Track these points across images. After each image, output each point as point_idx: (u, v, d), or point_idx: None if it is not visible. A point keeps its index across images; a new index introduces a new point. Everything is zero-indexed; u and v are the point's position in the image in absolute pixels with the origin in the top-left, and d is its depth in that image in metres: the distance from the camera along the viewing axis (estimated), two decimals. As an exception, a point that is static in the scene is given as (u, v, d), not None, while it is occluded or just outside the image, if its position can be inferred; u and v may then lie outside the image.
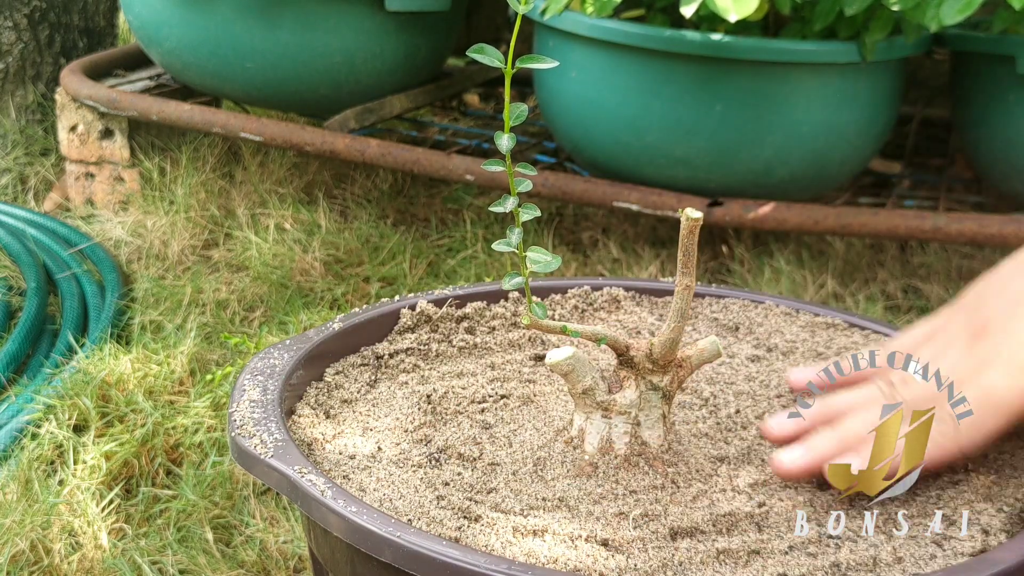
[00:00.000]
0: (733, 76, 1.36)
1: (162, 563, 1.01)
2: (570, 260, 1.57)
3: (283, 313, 1.45)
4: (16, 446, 1.16)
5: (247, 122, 1.65)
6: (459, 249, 1.62)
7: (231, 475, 1.11)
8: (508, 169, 0.53)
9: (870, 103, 1.44)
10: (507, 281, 0.55)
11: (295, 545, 1.03)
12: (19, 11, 1.98)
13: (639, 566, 0.50)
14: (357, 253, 1.59)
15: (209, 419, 1.18)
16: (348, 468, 0.56)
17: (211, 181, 1.76)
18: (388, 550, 0.47)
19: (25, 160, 1.93)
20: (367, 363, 0.68)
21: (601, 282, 0.78)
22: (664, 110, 1.40)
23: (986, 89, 1.45)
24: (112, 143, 1.79)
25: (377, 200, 1.77)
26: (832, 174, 1.49)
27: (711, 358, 0.59)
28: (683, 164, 1.43)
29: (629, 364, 0.57)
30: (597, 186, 1.46)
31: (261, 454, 0.54)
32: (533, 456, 0.58)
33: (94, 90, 1.74)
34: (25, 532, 1.01)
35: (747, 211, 1.39)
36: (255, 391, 0.60)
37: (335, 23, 1.63)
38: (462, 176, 1.52)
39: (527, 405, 0.64)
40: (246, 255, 1.57)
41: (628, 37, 1.38)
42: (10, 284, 1.48)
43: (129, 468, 1.13)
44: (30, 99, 2.01)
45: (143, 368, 1.26)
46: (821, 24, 1.35)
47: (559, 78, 1.49)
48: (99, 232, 1.68)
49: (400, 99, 1.76)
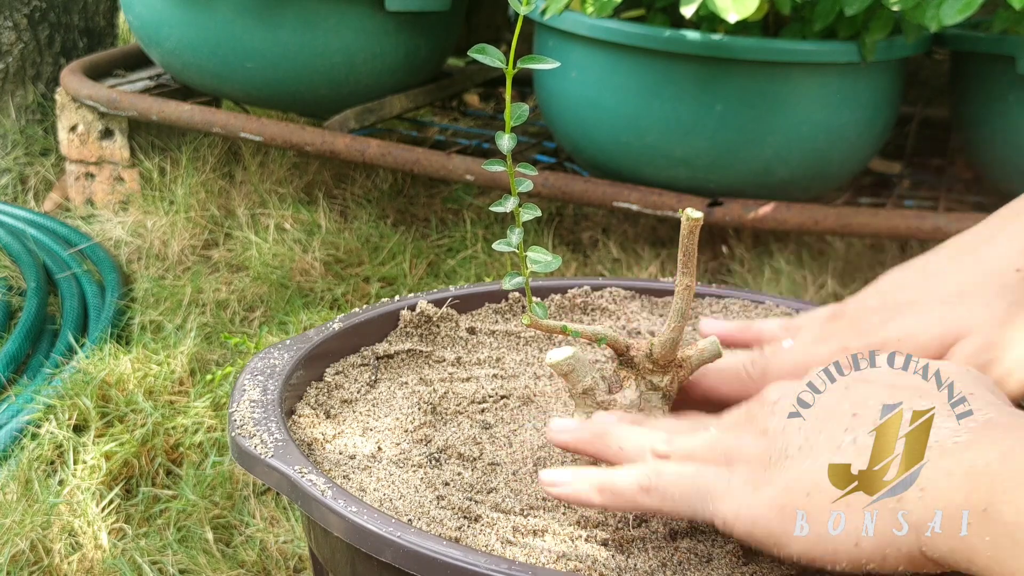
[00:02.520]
0: (733, 76, 1.36)
1: (162, 563, 1.01)
2: (570, 260, 1.57)
3: (283, 313, 1.45)
4: (16, 446, 1.16)
5: (247, 122, 1.65)
6: (459, 249, 1.62)
7: (231, 475, 1.11)
8: (508, 169, 0.53)
9: (870, 103, 1.44)
10: (507, 281, 0.55)
11: (295, 545, 1.03)
12: (19, 11, 1.98)
13: (639, 566, 0.50)
14: (357, 253, 1.59)
15: (209, 419, 1.18)
16: (348, 468, 0.56)
17: (211, 181, 1.76)
18: (388, 550, 0.47)
19: (25, 160, 1.93)
20: (367, 363, 0.68)
21: (601, 282, 0.78)
22: (664, 110, 1.40)
23: (986, 89, 1.46)
24: (112, 143, 1.79)
25: (377, 200, 1.77)
26: (832, 174, 1.49)
27: (711, 358, 0.59)
28: (683, 164, 1.43)
29: (629, 364, 0.57)
30: (597, 186, 1.46)
31: (261, 454, 0.54)
32: (533, 456, 0.59)
33: (94, 90, 1.74)
34: (25, 532, 1.01)
35: (747, 211, 1.39)
36: (255, 391, 0.60)
37: (335, 23, 1.63)
38: (462, 176, 1.52)
39: (527, 405, 0.64)
40: (246, 255, 1.57)
41: (628, 37, 1.38)
42: (10, 284, 1.49)
43: (129, 468, 1.13)
44: (30, 99, 2.01)
45: (143, 368, 1.26)
46: (821, 24, 1.35)
47: (559, 78, 1.49)
48: (99, 232, 1.68)
49: (400, 99, 1.76)
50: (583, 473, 0.52)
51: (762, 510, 0.46)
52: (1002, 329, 0.56)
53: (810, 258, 1.54)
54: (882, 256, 1.57)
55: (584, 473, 0.52)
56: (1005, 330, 0.56)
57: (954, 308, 0.58)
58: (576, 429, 0.54)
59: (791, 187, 1.46)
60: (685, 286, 0.55)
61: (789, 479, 0.46)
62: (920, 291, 0.60)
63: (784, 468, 0.47)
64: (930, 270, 0.61)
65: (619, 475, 0.51)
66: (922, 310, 0.59)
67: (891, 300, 0.61)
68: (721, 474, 0.48)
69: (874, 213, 1.37)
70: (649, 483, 0.50)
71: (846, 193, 1.63)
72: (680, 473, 0.49)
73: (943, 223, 1.33)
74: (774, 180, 1.44)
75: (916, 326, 0.58)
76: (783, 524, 0.46)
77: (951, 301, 0.58)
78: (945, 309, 0.58)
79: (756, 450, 0.48)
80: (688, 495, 0.49)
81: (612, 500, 0.51)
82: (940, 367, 0.49)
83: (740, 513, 0.47)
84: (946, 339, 0.57)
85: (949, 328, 0.57)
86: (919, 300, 0.60)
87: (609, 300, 0.77)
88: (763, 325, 0.67)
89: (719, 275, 1.55)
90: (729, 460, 0.49)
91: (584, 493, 0.51)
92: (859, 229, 1.37)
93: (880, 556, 0.44)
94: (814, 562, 0.45)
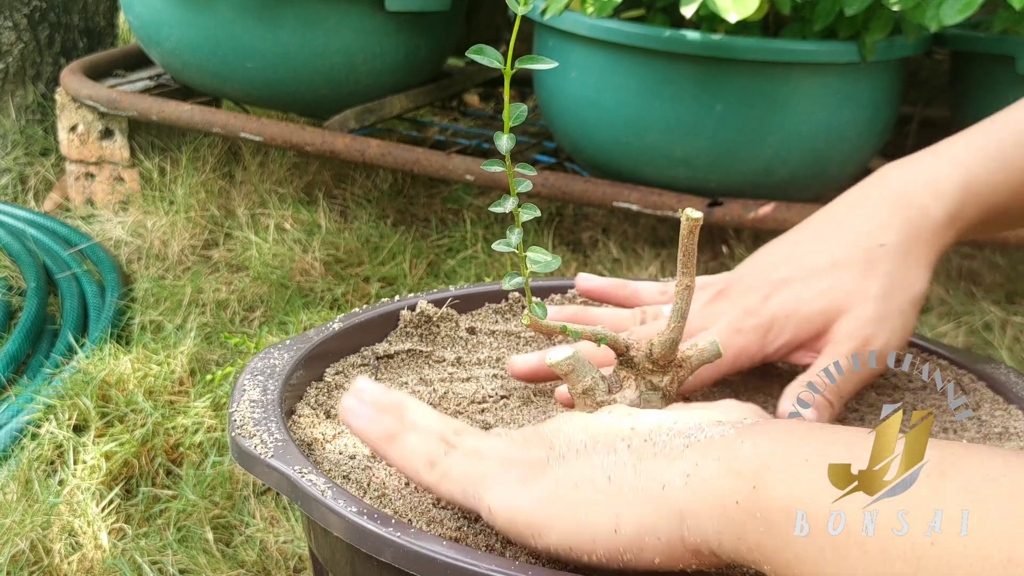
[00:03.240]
0: (733, 76, 1.36)
1: (162, 563, 1.01)
2: (570, 260, 1.57)
3: (283, 313, 1.45)
4: (16, 446, 1.16)
5: (247, 122, 1.65)
6: (459, 249, 1.62)
7: (231, 475, 1.11)
8: (508, 169, 0.53)
9: (870, 103, 1.44)
10: (507, 281, 0.55)
11: (295, 545, 1.03)
12: (19, 11, 1.98)
13: (639, 566, 0.50)
14: (357, 253, 1.59)
15: (209, 419, 1.18)
16: (348, 468, 0.56)
17: (211, 181, 1.76)
18: (388, 550, 0.47)
19: (25, 160, 1.93)
20: (367, 363, 0.68)
21: (601, 282, 0.78)
22: (664, 110, 1.40)
23: (986, 89, 1.46)
24: (112, 143, 1.79)
25: (377, 200, 1.77)
26: (832, 174, 1.49)
27: (711, 358, 0.59)
28: (683, 164, 1.43)
29: (629, 364, 0.57)
30: (597, 186, 1.46)
31: (261, 454, 0.54)
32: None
33: (94, 90, 1.74)
34: (25, 532, 1.01)
35: (747, 211, 1.39)
36: (255, 391, 0.60)
37: (335, 23, 1.63)
38: (462, 176, 1.53)
39: (527, 405, 0.64)
40: (246, 255, 1.57)
41: (628, 37, 1.38)
42: (10, 284, 1.49)
43: (129, 468, 1.13)
44: (30, 99, 2.01)
45: (143, 368, 1.26)
46: (821, 24, 1.35)
47: (559, 78, 1.49)
48: (99, 232, 1.68)
49: (400, 99, 1.76)
50: (381, 419, 0.51)
51: (525, 501, 0.47)
52: (875, 304, 0.62)
53: (810, 258, 1.54)
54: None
55: (382, 420, 0.51)
56: (878, 305, 0.62)
57: (829, 280, 0.63)
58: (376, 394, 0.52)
59: (791, 187, 1.46)
60: (685, 286, 0.55)
61: (559, 474, 0.47)
62: (795, 266, 0.64)
63: (557, 467, 0.48)
64: (801, 245, 0.66)
65: (413, 439, 0.51)
66: (800, 285, 0.63)
67: (770, 276, 0.64)
68: (500, 469, 0.49)
69: (874, 213, 1.37)
70: (435, 458, 0.50)
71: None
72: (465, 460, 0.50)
73: (943, 223, 1.33)
74: (774, 180, 1.44)
75: (798, 301, 0.63)
76: (545, 514, 0.46)
77: (826, 274, 0.63)
78: (822, 283, 0.63)
79: (537, 457, 0.49)
80: (464, 479, 0.49)
81: (398, 459, 0.50)
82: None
83: (505, 503, 0.47)
84: (829, 313, 0.62)
85: (830, 302, 0.62)
86: (795, 276, 0.64)
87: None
88: (639, 285, 0.71)
89: (719, 275, 1.55)
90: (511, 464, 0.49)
91: (374, 436, 0.51)
92: (859, 229, 1.37)
93: (638, 546, 0.44)
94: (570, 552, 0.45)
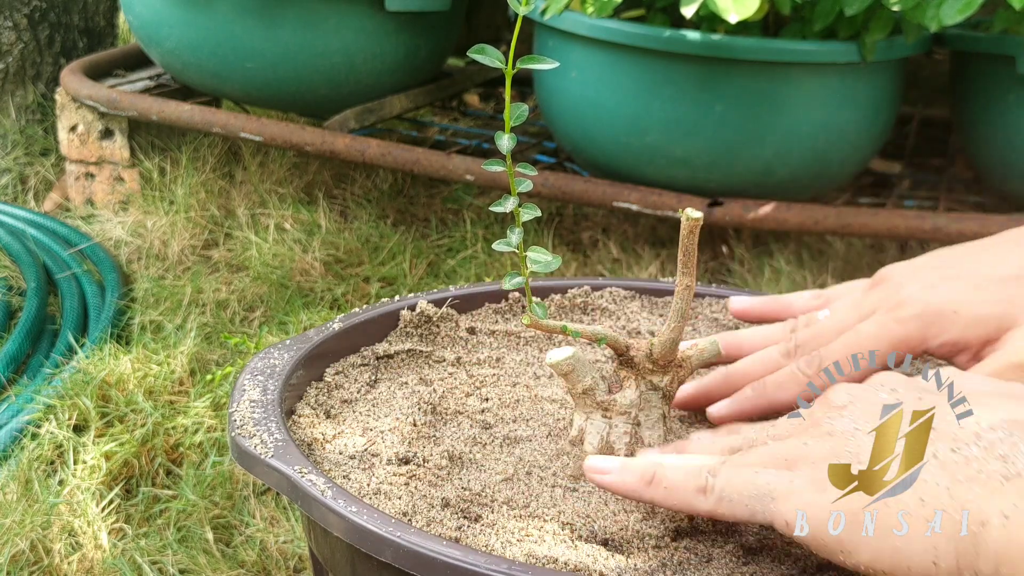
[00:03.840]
0: (733, 76, 1.36)
1: (162, 563, 1.01)
2: (570, 260, 1.57)
3: (283, 313, 1.45)
4: (16, 446, 1.16)
5: (247, 122, 1.65)
6: (459, 249, 1.62)
7: (231, 475, 1.11)
8: (508, 169, 0.53)
9: (870, 103, 1.44)
10: (507, 281, 0.55)
11: (295, 545, 1.03)
12: (19, 11, 1.98)
13: (639, 566, 0.50)
14: (357, 253, 1.59)
15: (209, 419, 1.18)
16: (348, 468, 0.56)
17: (211, 181, 1.76)
18: (388, 550, 0.47)
19: (25, 160, 1.93)
20: (367, 363, 0.68)
21: (601, 282, 0.78)
22: (664, 110, 1.40)
23: (986, 89, 1.46)
24: (112, 143, 1.79)
25: (377, 200, 1.77)
26: (832, 174, 1.49)
27: (711, 358, 0.59)
28: (683, 164, 1.43)
29: (629, 364, 0.57)
30: (597, 186, 1.46)
31: (261, 454, 0.54)
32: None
33: (94, 90, 1.74)
34: (25, 532, 1.01)
35: (747, 211, 1.39)
36: (255, 391, 0.60)
37: (335, 23, 1.63)
38: (462, 176, 1.52)
39: (528, 405, 0.64)
40: (246, 255, 1.57)
41: (628, 37, 1.38)
42: (10, 284, 1.49)
43: (129, 468, 1.13)
44: (30, 99, 2.01)
45: (143, 368, 1.26)
46: (821, 24, 1.35)
47: (559, 78, 1.49)
48: (99, 232, 1.68)
49: (400, 99, 1.76)
50: (633, 464, 0.49)
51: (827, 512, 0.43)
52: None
53: (810, 258, 1.54)
54: (882, 256, 1.57)
55: (634, 464, 0.49)
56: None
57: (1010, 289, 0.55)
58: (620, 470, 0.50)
59: (791, 187, 1.46)
60: (685, 286, 0.55)
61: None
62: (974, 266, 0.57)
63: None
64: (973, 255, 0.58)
65: (672, 473, 0.48)
66: (972, 285, 0.56)
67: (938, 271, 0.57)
68: (782, 475, 0.46)
69: (874, 213, 1.37)
70: (705, 483, 0.47)
71: (846, 193, 1.63)
72: (738, 473, 0.47)
73: (943, 223, 1.33)
74: (774, 180, 1.44)
75: (970, 301, 0.55)
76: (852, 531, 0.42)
77: (1006, 282, 0.55)
78: (1001, 289, 0.55)
79: (822, 452, 0.45)
80: (746, 496, 0.46)
81: (664, 497, 0.48)
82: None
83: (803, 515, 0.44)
84: (1005, 320, 0.54)
85: (1009, 308, 0.54)
86: (968, 275, 0.56)
87: (609, 300, 0.77)
88: (790, 297, 0.66)
89: (719, 275, 1.55)
90: (791, 463, 0.46)
91: (631, 485, 0.49)
92: (859, 229, 1.37)
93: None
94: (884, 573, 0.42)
